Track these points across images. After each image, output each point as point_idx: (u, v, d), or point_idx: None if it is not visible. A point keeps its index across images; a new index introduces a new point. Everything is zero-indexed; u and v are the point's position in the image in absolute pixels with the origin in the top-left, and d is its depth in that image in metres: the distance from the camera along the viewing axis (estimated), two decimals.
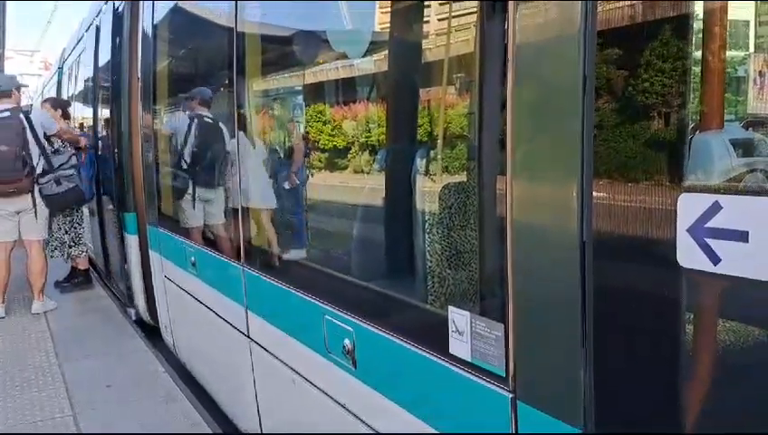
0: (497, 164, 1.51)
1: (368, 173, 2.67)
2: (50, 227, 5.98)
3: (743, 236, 1.00)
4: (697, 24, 1.19)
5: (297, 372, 2.61)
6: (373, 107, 2.53)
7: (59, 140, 5.84)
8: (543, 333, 1.40)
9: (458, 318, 1.62)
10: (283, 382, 2.72)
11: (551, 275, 1.36)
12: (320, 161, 3.00)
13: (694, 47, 1.20)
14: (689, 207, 1.08)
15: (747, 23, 1.21)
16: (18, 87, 5.85)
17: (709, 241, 1.05)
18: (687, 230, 1.08)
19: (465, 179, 1.81)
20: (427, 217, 1.99)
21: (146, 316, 5.69)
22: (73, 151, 5.94)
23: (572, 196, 1.27)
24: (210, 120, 4.50)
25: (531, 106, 1.40)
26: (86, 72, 8.38)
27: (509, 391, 1.48)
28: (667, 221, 1.13)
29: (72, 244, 6.33)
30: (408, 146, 2.31)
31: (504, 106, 1.44)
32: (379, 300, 2.08)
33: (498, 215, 1.49)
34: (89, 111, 8.71)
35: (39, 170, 5.49)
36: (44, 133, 5.53)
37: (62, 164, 5.59)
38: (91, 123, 8.53)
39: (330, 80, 3.05)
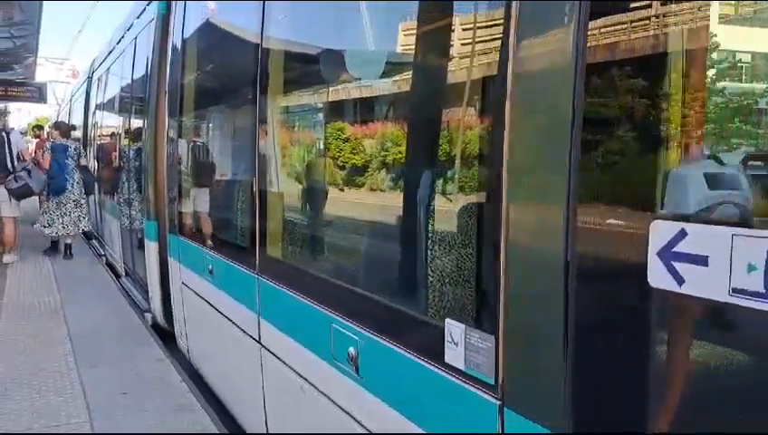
0: (494, 189, 1.63)
1: (381, 191, 2.76)
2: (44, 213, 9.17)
3: (703, 261, 1.11)
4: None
5: (305, 378, 2.72)
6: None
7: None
8: (530, 345, 1.51)
9: (454, 329, 1.74)
10: (291, 388, 2.84)
11: (538, 292, 1.47)
12: (339, 176, 3.10)
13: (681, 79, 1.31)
14: (660, 232, 1.20)
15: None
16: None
17: (675, 264, 1.16)
18: (657, 254, 1.19)
19: (466, 202, 1.93)
20: (430, 237, 2.11)
21: (162, 321, 5.84)
22: (30, 162, 9.00)
23: (558, 219, 1.39)
24: (229, 136, 4.66)
25: (526, 134, 1.52)
26: (115, 83, 8.66)
27: (497, 399, 1.59)
28: (642, 245, 1.24)
29: (47, 224, 9.08)
30: (417, 167, 2.40)
31: (501, 133, 1.56)
32: (383, 311, 2.19)
33: (494, 236, 1.60)
34: (116, 121, 8.99)
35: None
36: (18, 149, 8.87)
37: (23, 169, 8.63)
38: (118, 132, 8.79)
39: (354, 99, 3.12)
